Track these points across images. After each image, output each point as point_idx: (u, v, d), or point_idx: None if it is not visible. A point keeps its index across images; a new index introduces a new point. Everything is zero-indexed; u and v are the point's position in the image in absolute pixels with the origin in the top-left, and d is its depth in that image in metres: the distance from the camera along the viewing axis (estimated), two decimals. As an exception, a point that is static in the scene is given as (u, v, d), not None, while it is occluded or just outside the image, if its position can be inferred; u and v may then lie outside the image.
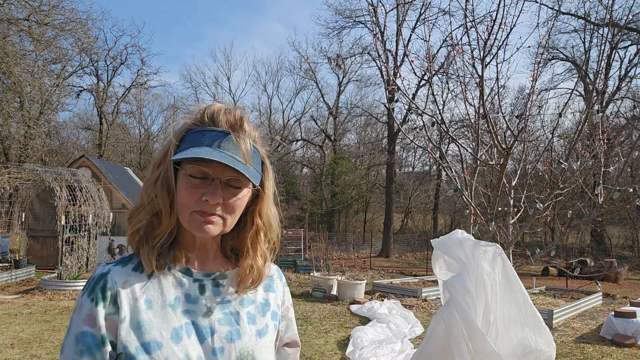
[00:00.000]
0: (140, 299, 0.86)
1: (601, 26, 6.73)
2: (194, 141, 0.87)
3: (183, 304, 0.88)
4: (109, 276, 0.86)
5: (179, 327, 0.86)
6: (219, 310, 0.91)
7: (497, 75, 4.76)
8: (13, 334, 6.21)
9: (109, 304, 0.84)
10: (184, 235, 0.94)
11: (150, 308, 0.85)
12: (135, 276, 0.88)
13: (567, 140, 17.10)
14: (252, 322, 0.94)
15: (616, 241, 24.28)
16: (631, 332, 6.48)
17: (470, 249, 1.29)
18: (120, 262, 0.90)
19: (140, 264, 0.89)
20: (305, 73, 30.87)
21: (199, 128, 0.89)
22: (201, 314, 0.89)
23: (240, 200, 0.90)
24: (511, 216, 5.28)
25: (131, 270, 0.88)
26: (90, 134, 32.17)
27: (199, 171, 0.86)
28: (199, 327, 0.88)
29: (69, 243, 10.63)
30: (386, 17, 13.71)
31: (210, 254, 0.97)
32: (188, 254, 0.94)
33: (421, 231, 29.21)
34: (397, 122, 8.13)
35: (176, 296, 0.88)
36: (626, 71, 21.11)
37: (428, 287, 10.08)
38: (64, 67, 23.26)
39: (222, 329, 0.89)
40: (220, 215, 0.88)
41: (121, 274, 0.87)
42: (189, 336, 0.86)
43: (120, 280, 0.86)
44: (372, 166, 30.63)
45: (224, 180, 0.87)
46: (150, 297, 0.86)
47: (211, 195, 0.85)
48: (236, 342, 0.90)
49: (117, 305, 0.84)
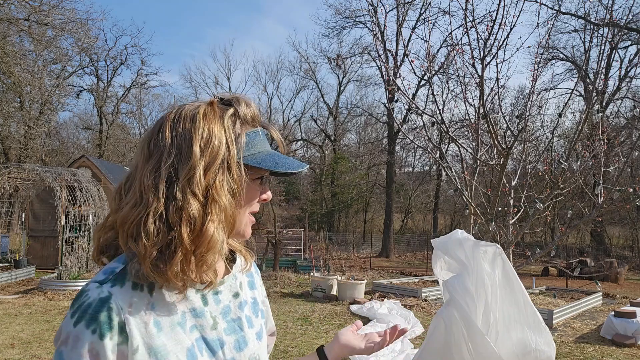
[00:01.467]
0: (149, 322, 0.76)
1: (601, 26, 6.73)
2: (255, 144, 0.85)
3: (190, 318, 0.82)
4: (112, 301, 0.73)
5: (192, 345, 0.80)
6: (222, 320, 0.87)
7: (497, 75, 4.76)
8: (13, 334, 6.21)
9: (115, 334, 0.72)
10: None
11: (161, 330, 0.77)
12: (138, 296, 0.76)
13: (567, 140, 17.10)
14: (250, 325, 0.92)
15: (616, 241, 24.28)
16: (631, 332, 6.48)
17: (470, 249, 1.29)
18: (115, 280, 0.76)
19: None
20: (305, 73, 30.92)
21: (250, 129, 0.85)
22: (208, 326, 0.84)
23: None
24: (511, 216, 5.28)
25: (131, 290, 0.76)
26: (90, 134, 32.20)
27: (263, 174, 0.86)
28: (208, 341, 0.83)
29: (69, 243, 10.63)
30: (386, 17, 13.74)
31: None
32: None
33: (421, 231, 29.21)
34: (397, 122, 8.14)
35: (182, 311, 0.81)
36: (626, 71, 21.10)
37: (428, 287, 10.08)
38: (64, 67, 23.29)
39: (229, 339, 0.86)
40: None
41: (124, 296, 0.75)
42: (202, 353, 0.81)
43: (125, 304, 0.74)
44: (372, 166, 30.64)
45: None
46: (157, 319, 0.77)
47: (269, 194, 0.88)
48: (244, 350, 0.88)
49: (124, 334, 0.73)
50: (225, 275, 0.92)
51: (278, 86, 57.30)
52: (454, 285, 1.31)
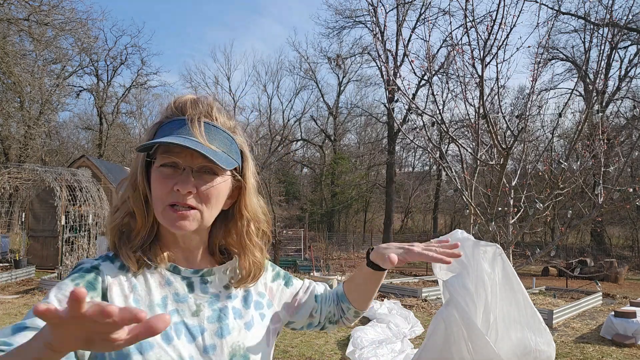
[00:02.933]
0: (129, 297, 0.83)
1: (601, 26, 6.72)
2: (162, 133, 0.86)
3: (171, 302, 0.87)
4: (101, 269, 0.84)
5: (168, 327, 0.83)
6: (207, 307, 0.90)
7: (497, 75, 4.76)
8: (13, 334, 6.21)
9: (97, 296, 0.81)
10: (165, 233, 0.92)
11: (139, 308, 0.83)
12: (122, 274, 0.85)
13: (567, 140, 17.09)
14: (238, 316, 0.93)
15: (616, 241, 24.27)
16: (631, 332, 6.47)
17: (470, 249, 1.29)
18: (106, 258, 0.87)
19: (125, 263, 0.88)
20: (305, 73, 30.88)
21: (169, 120, 0.88)
22: (190, 312, 0.87)
23: (214, 188, 0.87)
24: (511, 216, 5.28)
25: (117, 269, 0.86)
26: (90, 134, 32.18)
27: (169, 161, 0.84)
28: (188, 326, 0.86)
29: (69, 243, 10.63)
30: (386, 17, 13.70)
31: (195, 252, 0.95)
32: (173, 251, 0.92)
33: (421, 231, 29.21)
34: (397, 122, 8.15)
35: (163, 295, 0.87)
36: (626, 71, 21.10)
37: (428, 287, 10.08)
38: (64, 67, 23.28)
39: (211, 326, 0.88)
40: (195, 207, 0.85)
41: (111, 270, 0.85)
42: (179, 336, 0.84)
43: (111, 276, 0.84)
44: (372, 166, 30.64)
45: (195, 168, 0.85)
46: (137, 297, 0.84)
47: (182, 184, 0.83)
48: (227, 337, 0.88)
49: (106, 299, 0.81)
50: (216, 267, 0.96)
51: (278, 86, 57.15)
52: (454, 285, 1.31)
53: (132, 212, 0.88)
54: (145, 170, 0.89)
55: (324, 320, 1.12)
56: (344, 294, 1.11)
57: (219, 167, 0.85)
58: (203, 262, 0.96)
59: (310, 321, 1.11)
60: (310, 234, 22.30)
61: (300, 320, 1.09)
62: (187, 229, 0.86)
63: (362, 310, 1.11)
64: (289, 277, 1.11)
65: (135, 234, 0.89)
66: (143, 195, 0.88)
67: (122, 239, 0.88)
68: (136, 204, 0.88)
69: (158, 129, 0.89)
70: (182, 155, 0.84)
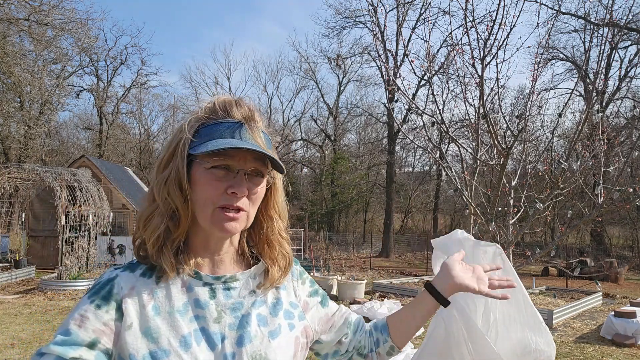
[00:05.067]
0: (148, 305, 0.83)
1: (601, 26, 6.72)
2: (210, 134, 0.85)
3: (192, 309, 0.85)
4: (116, 282, 0.84)
5: (188, 334, 0.82)
6: (230, 315, 0.88)
7: (497, 75, 4.76)
8: (13, 334, 6.21)
9: (112, 309, 0.81)
10: (195, 237, 0.91)
11: (158, 314, 0.83)
12: (142, 282, 0.85)
13: (567, 140, 17.09)
14: (263, 323, 0.90)
15: (616, 241, 24.27)
16: (631, 332, 6.48)
17: (470, 249, 1.29)
18: (128, 267, 0.88)
19: (148, 269, 0.87)
20: (305, 73, 30.88)
21: (213, 121, 0.87)
22: (211, 319, 0.86)
23: (261, 191, 0.90)
24: (511, 216, 5.27)
25: (139, 277, 0.86)
26: (90, 134, 32.19)
27: (222, 163, 0.84)
28: (209, 333, 0.84)
29: (69, 243, 10.63)
30: (386, 17, 13.71)
31: (225, 256, 0.94)
32: (198, 256, 0.90)
33: (421, 231, 29.20)
34: (397, 122, 8.14)
35: (184, 302, 0.86)
36: (626, 71, 21.09)
37: (428, 287, 10.07)
38: (64, 67, 23.28)
39: (232, 334, 0.86)
40: (245, 209, 0.86)
41: (129, 280, 0.85)
42: (199, 343, 0.82)
43: (127, 286, 0.84)
44: (372, 166, 30.63)
45: (248, 171, 0.86)
46: (158, 304, 0.84)
47: (238, 187, 0.84)
48: (247, 345, 0.86)
49: (121, 312, 0.81)
50: (239, 272, 0.94)
51: (278, 86, 57.29)
52: (454, 285, 1.31)
53: (172, 215, 0.86)
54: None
55: (352, 350, 1.08)
56: (386, 325, 1.08)
57: (266, 168, 0.88)
58: (231, 266, 0.95)
59: (337, 348, 1.07)
60: (310, 234, 22.29)
61: (328, 342, 1.05)
62: (235, 231, 0.86)
63: (398, 349, 1.06)
64: (326, 297, 1.09)
65: (174, 238, 0.87)
66: (184, 196, 0.86)
67: (160, 244, 0.86)
68: (181, 203, 0.86)
69: (200, 128, 0.87)
70: (235, 158, 0.85)
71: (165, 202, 0.86)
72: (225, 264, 0.94)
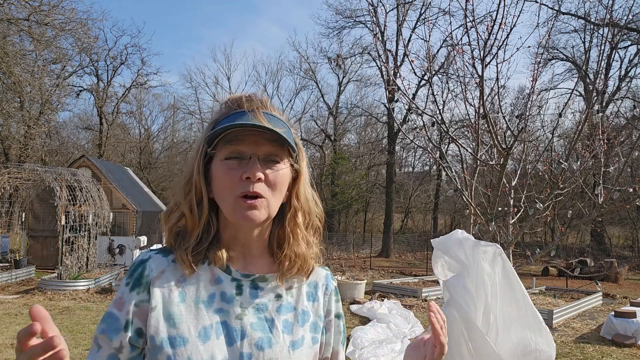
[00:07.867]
0: (175, 291, 0.84)
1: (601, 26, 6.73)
2: (223, 124, 0.87)
3: (218, 302, 0.85)
4: (148, 263, 0.86)
5: (209, 325, 0.83)
6: (253, 314, 0.86)
7: (497, 75, 4.75)
8: (13, 334, 6.21)
9: (142, 290, 0.84)
10: (225, 232, 0.90)
11: (183, 301, 0.84)
12: (173, 267, 0.86)
13: (567, 140, 17.09)
14: (287, 331, 0.88)
15: (616, 241, 24.26)
16: (631, 332, 6.48)
17: (470, 249, 1.29)
18: (162, 250, 0.89)
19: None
20: (305, 73, 30.83)
21: (226, 115, 0.88)
22: (234, 315, 0.85)
23: (280, 175, 0.87)
24: (511, 216, 5.27)
25: (171, 262, 0.87)
26: (90, 134, 32.15)
27: (234, 151, 0.84)
28: (230, 328, 0.84)
29: (69, 243, 10.63)
30: (386, 17, 13.72)
31: (255, 252, 0.92)
32: (230, 252, 0.89)
33: (421, 231, 29.20)
34: (397, 122, 8.14)
35: (211, 293, 0.86)
36: (626, 71, 21.11)
37: (428, 287, 10.08)
38: (64, 67, 23.26)
39: (253, 334, 0.84)
40: (263, 195, 0.84)
41: (160, 263, 0.87)
42: (218, 337, 0.82)
43: (157, 269, 0.86)
44: (372, 166, 30.63)
45: (261, 156, 0.85)
46: (185, 291, 0.85)
47: (251, 171, 0.82)
48: (266, 350, 0.84)
49: (149, 293, 0.83)
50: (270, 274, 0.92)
51: (278, 86, 57.12)
52: (454, 285, 1.31)
53: (193, 213, 0.88)
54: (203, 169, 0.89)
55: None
56: None
57: (284, 153, 0.87)
58: (260, 263, 0.93)
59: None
60: (310, 234, 22.25)
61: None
62: (258, 218, 0.84)
63: None
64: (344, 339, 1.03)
65: (189, 234, 0.88)
66: (197, 194, 0.87)
67: (178, 240, 0.88)
68: (187, 204, 0.87)
69: (215, 126, 0.88)
70: (246, 143, 0.84)
71: (186, 198, 0.88)
72: (257, 261, 0.93)
